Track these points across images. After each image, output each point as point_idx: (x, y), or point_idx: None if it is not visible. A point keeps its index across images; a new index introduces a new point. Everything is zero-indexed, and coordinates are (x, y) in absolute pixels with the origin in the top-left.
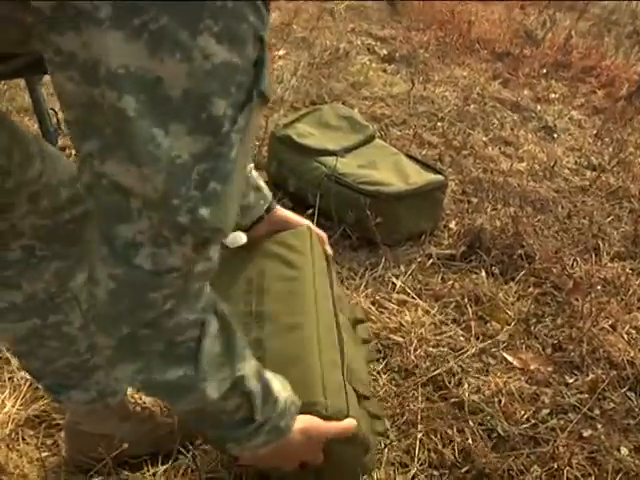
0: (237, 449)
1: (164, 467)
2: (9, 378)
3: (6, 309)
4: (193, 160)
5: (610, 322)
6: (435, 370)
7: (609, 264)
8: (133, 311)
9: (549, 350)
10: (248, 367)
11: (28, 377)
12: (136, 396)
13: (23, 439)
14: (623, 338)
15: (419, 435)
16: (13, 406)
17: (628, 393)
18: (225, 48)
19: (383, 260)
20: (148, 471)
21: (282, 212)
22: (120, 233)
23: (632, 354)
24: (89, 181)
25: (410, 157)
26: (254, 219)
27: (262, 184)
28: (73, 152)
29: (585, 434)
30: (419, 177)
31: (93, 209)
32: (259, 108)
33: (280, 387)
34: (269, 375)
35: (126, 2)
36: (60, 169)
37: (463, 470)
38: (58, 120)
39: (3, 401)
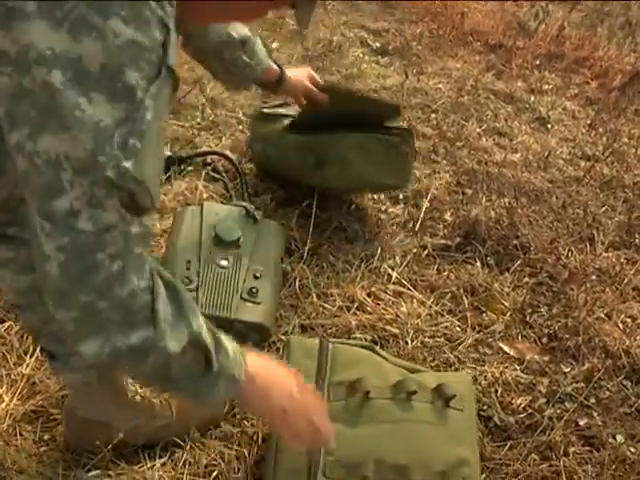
0: (203, 402)
1: (161, 460)
2: (6, 374)
3: (10, 259)
4: (115, 124)
5: (605, 311)
6: (432, 361)
7: (604, 254)
8: (85, 275)
9: (545, 340)
10: (199, 321)
11: (25, 372)
12: (137, 385)
13: (21, 434)
14: (618, 327)
15: None
16: (10, 401)
17: (624, 382)
18: (132, 28)
19: (379, 251)
20: (145, 464)
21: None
22: (58, 206)
23: (627, 343)
24: (25, 168)
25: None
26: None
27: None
28: None
29: (581, 423)
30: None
31: (29, 197)
32: (169, 83)
33: (225, 338)
34: (215, 329)
35: None
36: None
37: None
38: None
39: (1, 396)
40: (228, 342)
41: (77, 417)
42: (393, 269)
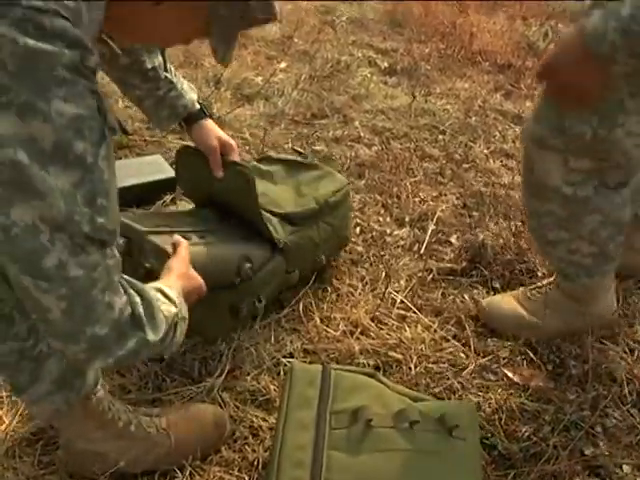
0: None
1: None
2: (7, 395)
3: None
4: (73, 187)
5: (612, 337)
6: (435, 387)
7: None
8: (86, 314)
9: (550, 366)
10: (164, 307)
11: None
12: (130, 415)
13: (20, 457)
14: (625, 353)
15: None
16: (10, 424)
17: (630, 410)
18: (72, 105)
19: (383, 275)
20: None
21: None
22: (48, 264)
23: (635, 371)
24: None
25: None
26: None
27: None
28: None
29: (587, 452)
30: None
31: (8, 263)
32: (112, 139)
33: (170, 291)
34: (166, 288)
35: None
36: None
37: None
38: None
39: (1, 418)
40: (172, 292)
41: (75, 447)
42: (398, 293)
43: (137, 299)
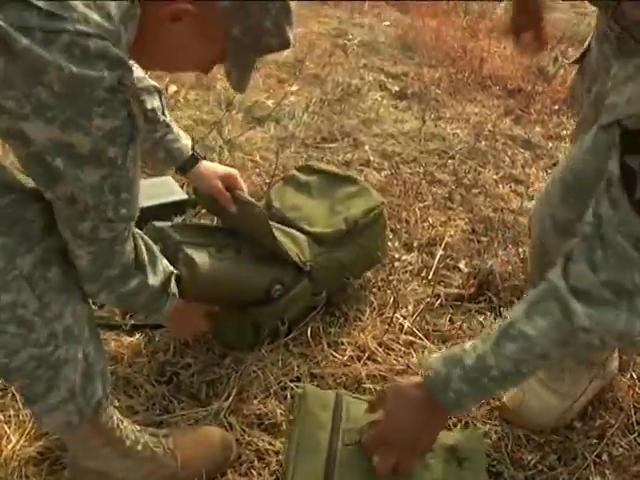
0: (161, 317)
1: None
2: (15, 415)
3: None
4: (102, 179)
5: (619, 366)
6: None
7: None
8: (106, 263)
9: None
10: (164, 261)
11: None
12: (138, 435)
13: (27, 477)
14: (633, 381)
15: None
16: (17, 442)
17: (637, 439)
18: (109, 119)
19: (391, 300)
20: None
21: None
22: (83, 228)
23: None
24: (50, 199)
25: None
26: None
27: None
28: None
29: None
30: None
31: (58, 218)
32: (139, 137)
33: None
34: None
35: (40, 102)
36: None
37: None
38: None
39: (8, 437)
40: (168, 265)
41: (81, 467)
42: (405, 319)
43: (143, 248)
